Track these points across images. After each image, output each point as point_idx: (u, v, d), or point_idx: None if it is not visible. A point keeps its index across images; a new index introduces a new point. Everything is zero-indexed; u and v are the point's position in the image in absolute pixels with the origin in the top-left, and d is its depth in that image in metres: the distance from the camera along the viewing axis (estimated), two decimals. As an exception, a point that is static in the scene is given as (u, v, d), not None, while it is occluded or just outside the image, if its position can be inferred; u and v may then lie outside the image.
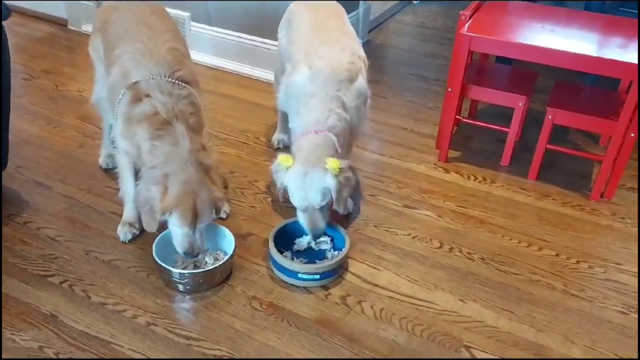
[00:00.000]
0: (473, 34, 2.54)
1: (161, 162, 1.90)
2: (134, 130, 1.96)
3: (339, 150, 2.10)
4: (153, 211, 1.90)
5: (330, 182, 2.04)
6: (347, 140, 2.24)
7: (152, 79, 1.96)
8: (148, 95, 1.94)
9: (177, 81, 1.99)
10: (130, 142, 2.00)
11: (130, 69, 2.00)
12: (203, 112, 2.08)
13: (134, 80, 1.98)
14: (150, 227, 1.94)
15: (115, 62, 2.06)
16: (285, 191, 2.12)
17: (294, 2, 2.55)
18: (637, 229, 2.46)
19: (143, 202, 1.92)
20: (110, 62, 2.10)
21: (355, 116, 2.18)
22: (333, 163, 2.01)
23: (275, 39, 2.69)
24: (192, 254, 1.98)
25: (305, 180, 2.03)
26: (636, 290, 2.16)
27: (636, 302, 2.11)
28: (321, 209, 2.10)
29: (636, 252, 2.34)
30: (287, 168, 2.06)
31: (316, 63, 2.17)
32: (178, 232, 1.95)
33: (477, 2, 2.78)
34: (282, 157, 2.07)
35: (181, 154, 1.89)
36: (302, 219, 2.12)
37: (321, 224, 2.12)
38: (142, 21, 2.10)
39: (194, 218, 1.90)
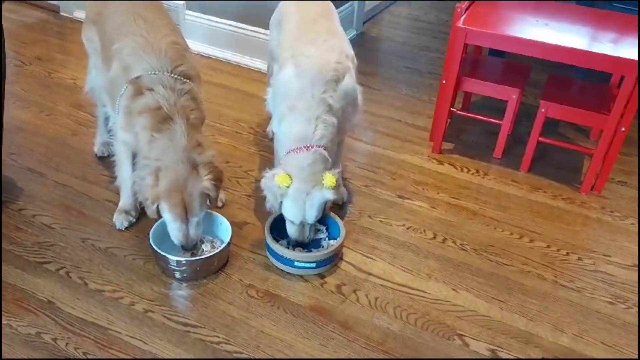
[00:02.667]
0: (469, 27, 2.56)
1: (156, 155, 1.93)
2: (134, 122, 1.97)
3: (330, 160, 2.11)
4: (146, 200, 1.94)
5: (329, 196, 2.07)
6: (335, 141, 2.24)
7: (154, 73, 1.97)
8: (151, 89, 1.95)
9: (179, 76, 2.00)
10: (131, 133, 2.01)
11: (131, 63, 2.00)
12: (204, 107, 2.08)
13: (135, 75, 1.98)
14: (150, 214, 1.98)
15: (115, 56, 2.05)
16: (279, 205, 2.11)
17: (285, 1, 2.51)
18: (625, 222, 2.51)
19: (139, 191, 1.97)
20: (109, 56, 2.09)
21: (340, 117, 2.18)
22: (330, 180, 2.03)
23: (269, 28, 2.69)
24: (188, 246, 2.01)
25: (307, 200, 2.05)
26: (623, 281, 2.21)
27: (623, 293, 2.15)
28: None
29: (624, 244, 2.39)
30: (287, 187, 2.05)
31: (303, 61, 2.14)
32: (172, 226, 1.98)
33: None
34: (280, 178, 2.03)
35: (176, 150, 1.91)
36: (291, 230, 2.12)
37: (310, 236, 2.15)
38: (139, 15, 2.08)
39: (184, 213, 1.93)
